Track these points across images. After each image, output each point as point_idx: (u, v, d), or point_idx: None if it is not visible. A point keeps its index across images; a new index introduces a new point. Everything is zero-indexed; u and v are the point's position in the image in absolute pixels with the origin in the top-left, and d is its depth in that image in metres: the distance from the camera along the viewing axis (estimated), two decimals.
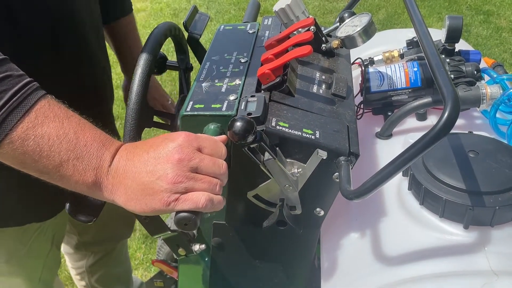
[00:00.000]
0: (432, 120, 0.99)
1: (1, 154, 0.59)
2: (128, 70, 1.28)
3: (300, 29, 0.87)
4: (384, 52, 1.17)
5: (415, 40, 1.11)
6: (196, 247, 0.83)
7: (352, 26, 0.89)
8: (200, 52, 1.08)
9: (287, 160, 0.72)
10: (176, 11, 4.28)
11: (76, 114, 0.63)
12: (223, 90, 0.79)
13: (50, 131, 0.59)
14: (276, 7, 0.90)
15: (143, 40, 0.89)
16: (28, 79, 0.61)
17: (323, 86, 0.83)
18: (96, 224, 1.28)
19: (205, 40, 3.72)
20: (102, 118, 0.78)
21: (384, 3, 4.01)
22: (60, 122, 0.60)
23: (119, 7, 1.22)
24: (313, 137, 0.71)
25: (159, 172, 0.60)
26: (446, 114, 0.54)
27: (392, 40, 1.23)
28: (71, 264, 1.45)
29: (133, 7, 1.29)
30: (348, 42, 0.87)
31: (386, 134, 0.98)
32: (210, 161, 0.63)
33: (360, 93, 1.04)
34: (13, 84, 0.58)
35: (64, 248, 1.39)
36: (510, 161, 0.73)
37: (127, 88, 1.17)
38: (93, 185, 0.61)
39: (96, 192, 0.63)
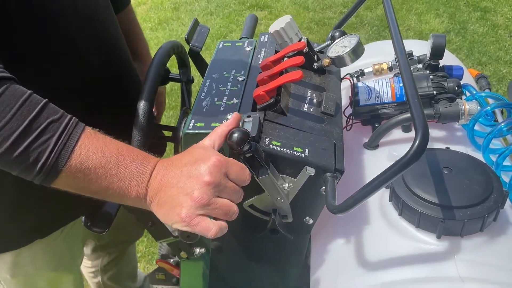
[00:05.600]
0: None
1: (59, 184, 0.68)
2: (136, 59, 1.31)
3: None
4: (374, 64, 1.24)
5: None
6: (197, 251, 0.91)
7: (341, 46, 0.96)
8: (201, 64, 1.16)
9: (280, 175, 0.80)
10: (177, 4, 4.32)
11: (113, 138, 0.71)
12: (222, 109, 0.87)
13: (95, 162, 0.67)
14: (271, 29, 0.97)
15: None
16: (67, 118, 0.68)
17: (314, 105, 0.91)
18: (112, 229, 1.37)
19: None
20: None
21: None
22: (102, 152, 0.68)
23: (117, 1, 1.23)
24: (302, 155, 0.79)
25: (188, 189, 0.68)
26: (416, 144, 0.61)
27: (382, 52, 1.29)
28: (86, 263, 1.53)
29: (133, 0, 1.33)
30: (338, 62, 0.95)
31: (373, 145, 1.05)
32: (233, 189, 0.71)
33: (350, 105, 1.12)
34: (56, 128, 0.66)
35: None
36: (481, 178, 0.81)
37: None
38: (136, 198, 0.70)
39: (139, 203, 0.71)
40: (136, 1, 4.31)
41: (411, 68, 1.15)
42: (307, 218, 0.86)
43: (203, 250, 0.92)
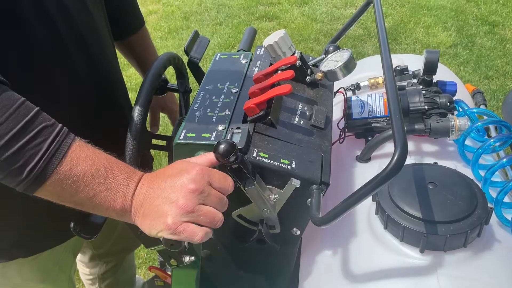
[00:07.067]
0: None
1: (43, 192, 0.68)
2: None
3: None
4: (370, 78, 1.26)
5: (398, 69, 1.19)
6: (187, 259, 0.92)
7: (334, 61, 0.97)
8: (199, 75, 1.18)
9: (267, 186, 0.81)
10: (187, 14, 4.37)
11: (101, 150, 0.73)
12: (213, 120, 0.89)
13: (85, 170, 0.68)
14: (265, 43, 0.99)
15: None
16: (59, 126, 0.70)
17: (304, 118, 0.92)
18: (110, 238, 1.39)
19: (213, 44, 3.81)
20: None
21: (391, 11, 4.07)
22: (91, 160, 0.69)
23: (132, 23, 1.30)
24: (289, 167, 0.80)
25: (173, 198, 0.70)
26: (395, 159, 0.63)
27: (379, 67, 1.31)
28: (84, 271, 1.55)
29: (145, 9, 1.38)
30: (330, 76, 0.96)
31: (365, 158, 1.07)
32: (217, 197, 0.72)
33: (343, 118, 1.13)
34: (49, 133, 0.68)
35: (79, 257, 1.49)
36: (465, 193, 0.82)
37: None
38: (121, 210, 0.71)
39: (123, 216, 0.72)
40: (147, 10, 4.37)
41: (406, 83, 1.17)
42: (294, 229, 0.88)
43: (192, 258, 0.93)
